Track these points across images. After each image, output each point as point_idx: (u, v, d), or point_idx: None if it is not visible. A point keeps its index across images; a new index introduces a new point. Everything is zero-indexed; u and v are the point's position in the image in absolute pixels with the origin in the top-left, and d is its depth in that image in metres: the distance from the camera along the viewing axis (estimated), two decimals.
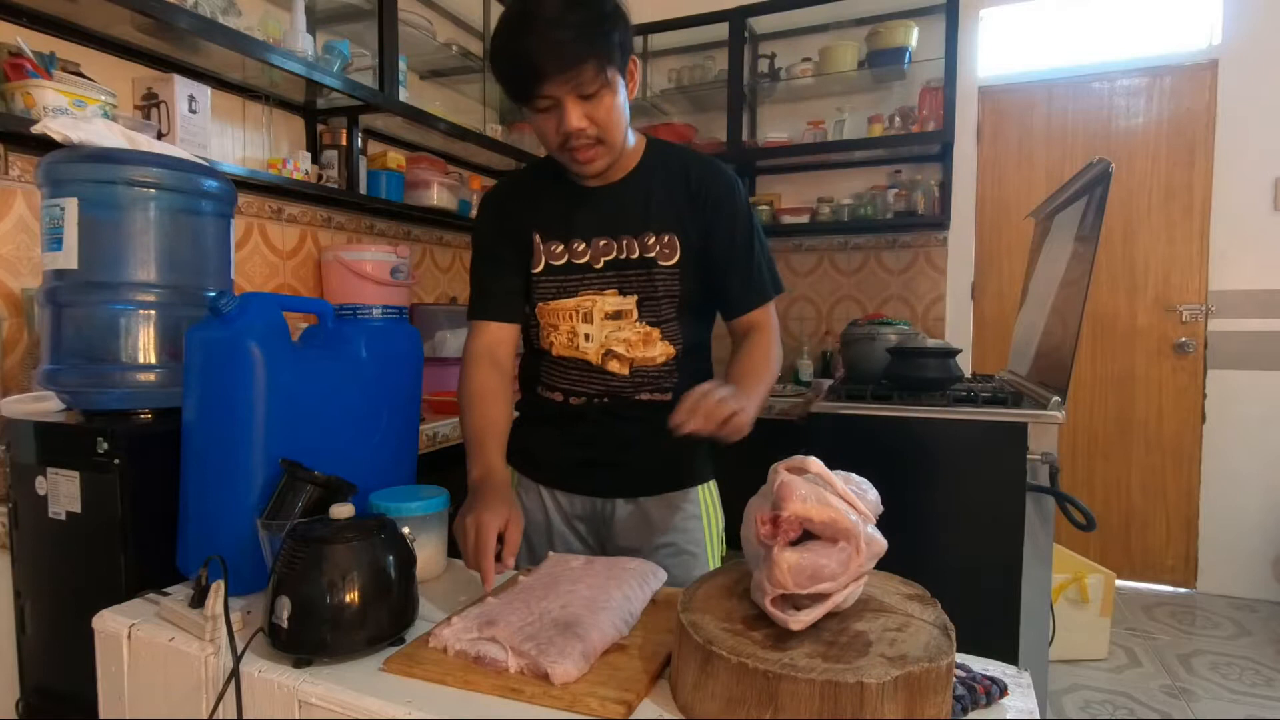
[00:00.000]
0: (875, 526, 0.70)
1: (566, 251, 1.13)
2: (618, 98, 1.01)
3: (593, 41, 0.95)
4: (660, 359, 1.15)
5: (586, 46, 0.94)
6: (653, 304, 1.13)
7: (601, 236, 1.12)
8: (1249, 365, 2.89)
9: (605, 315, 1.13)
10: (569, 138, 1.01)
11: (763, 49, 3.26)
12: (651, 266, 1.11)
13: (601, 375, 1.15)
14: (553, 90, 0.97)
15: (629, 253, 1.11)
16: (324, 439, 0.99)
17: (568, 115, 0.98)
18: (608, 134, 1.02)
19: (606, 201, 1.12)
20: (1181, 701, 2.16)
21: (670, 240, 1.11)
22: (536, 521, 1.22)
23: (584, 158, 1.04)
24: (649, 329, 1.13)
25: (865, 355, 2.10)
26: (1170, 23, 2.97)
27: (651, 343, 1.14)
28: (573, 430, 1.18)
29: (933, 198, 3.01)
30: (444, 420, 1.88)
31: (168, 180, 1.12)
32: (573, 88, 0.97)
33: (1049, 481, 1.60)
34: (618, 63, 0.99)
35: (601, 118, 1.00)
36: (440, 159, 2.75)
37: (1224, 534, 2.94)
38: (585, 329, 1.14)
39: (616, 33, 0.98)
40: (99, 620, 0.89)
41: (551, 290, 1.14)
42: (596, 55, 0.95)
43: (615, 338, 1.13)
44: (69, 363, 1.11)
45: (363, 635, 0.76)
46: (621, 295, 1.12)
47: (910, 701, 0.59)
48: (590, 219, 1.12)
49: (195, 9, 1.69)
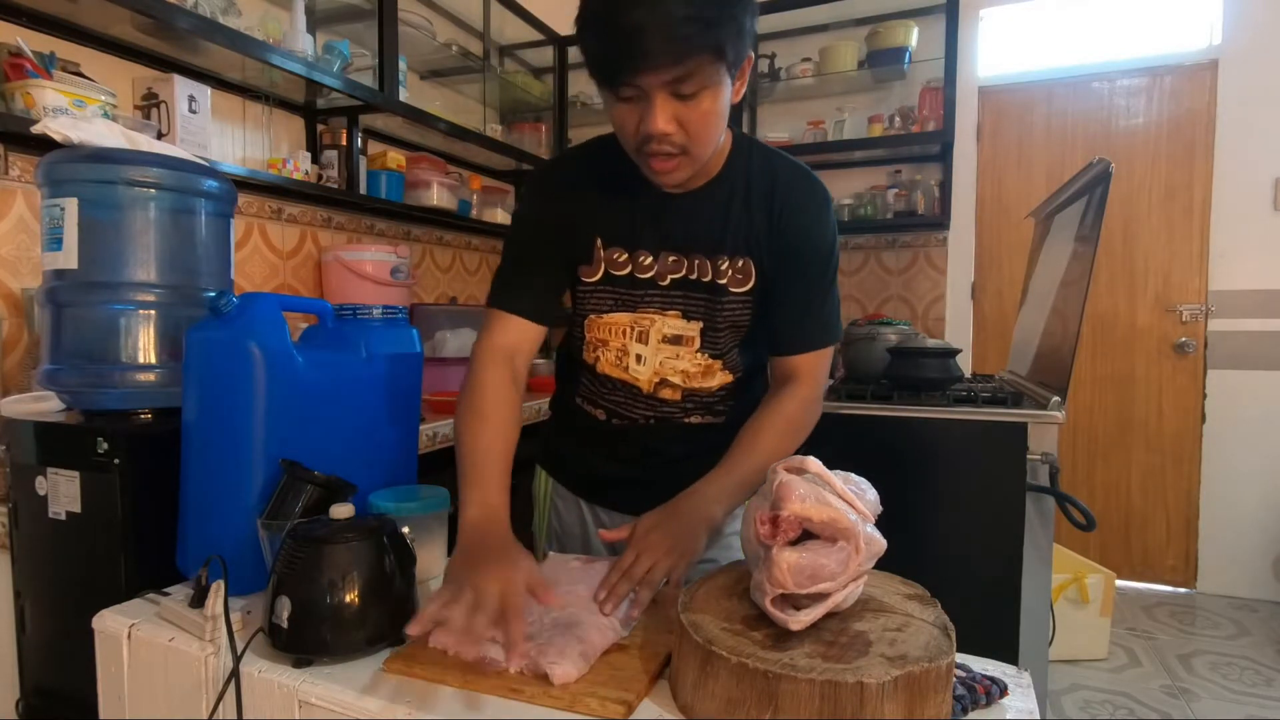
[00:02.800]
0: (874, 526, 0.70)
1: (630, 262, 0.99)
2: (719, 103, 0.83)
3: (713, 28, 0.75)
4: (717, 387, 1.05)
5: (704, 33, 0.75)
6: (716, 334, 1.00)
7: (672, 252, 0.98)
8: (1249, 365, 2.89)
9: (663, 338, 1.01)
10: (649, 140, 0.83)
11: (763, 49, 3.26)
12: (722, 294, 0.98)
13: (650, 401, 1.04)
14: (646, 80, 0.78)
15: (700, 274, 0.98)
16: (324, 439, 0.99)
17: (655, 114, 0.80)
18: (695, 146, 0.84)
19: (682, 212, 0.97)
20: (1181, 701, 2.16)
21: (745, 265, 0.97)
22: (574, 534, 1.17)
23: (660, 167, 0.86)
24: (710, 361, 1.02)
25: (865, 355, 2.09)
26: (1170, 23, 2.97)
27: (711, 374, 1.03)
28: (615, 449, 1.09)
29: (933, 198, 3.01)
30: (444, 420, 1.88)
31: (168, 180, 1.12)
32: (670, 82, 0.78)
33: (1049, 481, 1.60)
34: (732, 59, 0.80)
35: (695, 125, 0.82)
36: (440, 159, 2.75)
37: (1224, 534, 2.94)
38: (638, 349, 1.01)
39: (746, 19, 0.80)
40: (99, 620, 0.89)
41: (608, 303, 1.01)
42: (714, 45, 0.76)
43: (672, 366, 1.02)
44: (69, 363, 1.11)
45: (363, 635, 0.76)
46: (685, 320, 0.99)
47: (910, 701, 0.59)
48: (662, 230, 0.98)
49: (195, 9, 1.69)
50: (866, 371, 2.07)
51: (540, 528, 1.24)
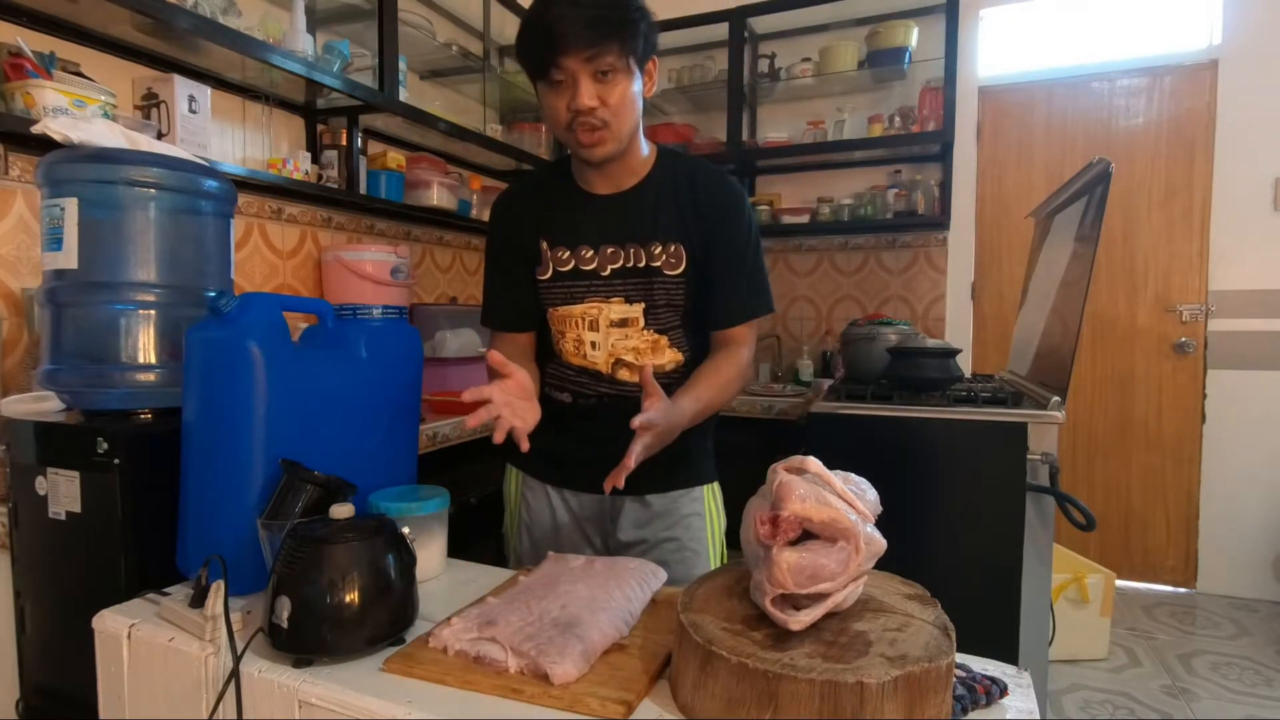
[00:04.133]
0: (874, 526, 0.70)
1: (573, 258, 1.14)
2: (632, 87, 1.02)
3: (617, 23, 0.97)
4: (669, 366, 1.16)
5: (610, 26, 0.97)
6: (657, 312, 1.14)
7: (609, 245, 1.12)
8: (1249, 365, 2.89)
9: (611, 323, 1.14)
10: (577, 115, 1.01)
11: (763, 49, 3.26)
12: (657, 275, 1.12)
13: (612, 383, 1.16)
14: (570, 63, 0.98)
15: (635, 261, 1.12)
16: (324, 439, 0.99)
17: (580, 91, 0.99)
18: (616, 118, 1.02)
19: (615, 210, 1.13)
20: (1181, 701, 2.16)
21: (676, 250, 1.12)
22: (543, 522, 1.24)
23: (587, 140, 1.03)
24: (656, 336, 1.14)
25: (865, 355, 2.10)
26: (1170, 23, 2.97)
27: (660, 350, 1.15)
28: (582, 430, 1.18)
29: (933, 198, 3.01)
30: (444, 420, 1.88)
31: (168, 180, 1.12)
32: (588, 62, 0.98)
33: (1049, 481, 1.60)
34: (638, 52, 1.01)
35: (614, 101, 1.01)
36: (440, 159, 2.75)
37: (1224, 534, 2.94)
38: (591, 336, 1.15)
39: (642, 24, 1.01)
40: (99, 620, 0.89)
41: (559, 296, 1.15)
42: (619, 37, 0.97)
43: (623, 345, 1.14)
44: (69, 363, 1.11)
45: (363, 635, 0.76)
46: (628, 303, 1.13)
47: (910, 701, 0.59)
48: (598, 227, 1.13)
49: (195, 9, 1.69)
50: (866, 371, 2.07)
51: (511, 527, 1.30)
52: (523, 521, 1.26)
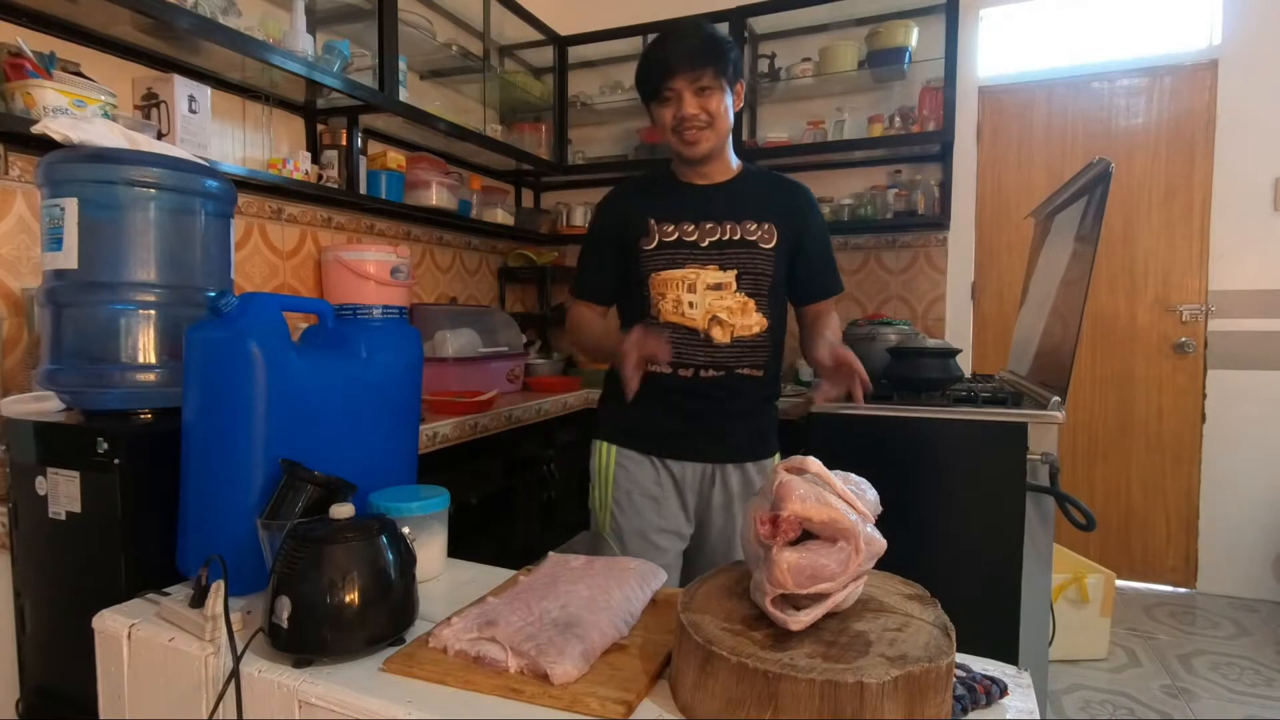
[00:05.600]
0: (874, 526, 0.70)
1: (677, 231, 1.34)
2: (725, 100, 1.30)
3: (713, 54, 1.26)
4: (756, 330, 1.34)
5: (707, 56, 1.26)
6: (750, 279, 1.33)
7: (709, 221, 1.34)
8: (1249, 365, 2.89)
9: (708, 286, 1.32)
10: (683, 121, 1.28)
11: (763, 49, 3.26)
12: (752, 248, 1.33)
13: (706, 345, 1.33)
14: (677, 84, 1.27)
15: (733, 235, 1.33)
16: (324, 439, 0.99)
17: (685, 103, 1.27)
18: (716, 121, 1.29)
19: (714, 196, 1.36)
20: (1181, 701, 2.16)
21: (769, 229, 1.34)
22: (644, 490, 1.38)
23: (691, 137, 1.29)
24: (746, 299, 1.33)
25: (865, 355, 2.07)
26: (1170, 23, 2.97)
27: (749, 312, 1.33)
28: (682, 403, 1.35)
29: (933, 198, 3.01)
30: (444, 420, 1.88)
31: (168, 180, 1.12)
32: (691, 82, 1.26)
33: (1049, 481, 1.60)
34: (729, 75, 1.28)
35: (712, 108, 1.28)
36: (440, 159, 2.75)
37: (1224, 534, 2.94)
38: (690, 297, 1.33)
39: (732, 53, 1.29)
40: (99, 620, 0.89)
41: (663, 262, 1.34)
42: (715, 63, 1.26)
43: (718, 304, 1.32)
44: (69, 363, 1.11)
45: (363, 635, 0.77)
46: (722, 270, 1.33)
47: (910, 701, 0.59)
48: (700, 208, 1.35)
49: (195, 9, 1.69)
50: (867, 371, 2.06)
51: (601, 500, 1.42)
52: (622, 490, 1.38)
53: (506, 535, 2.16)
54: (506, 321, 2.76)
